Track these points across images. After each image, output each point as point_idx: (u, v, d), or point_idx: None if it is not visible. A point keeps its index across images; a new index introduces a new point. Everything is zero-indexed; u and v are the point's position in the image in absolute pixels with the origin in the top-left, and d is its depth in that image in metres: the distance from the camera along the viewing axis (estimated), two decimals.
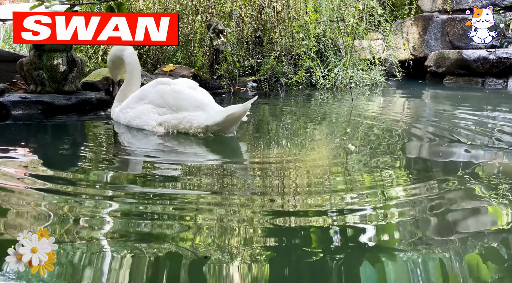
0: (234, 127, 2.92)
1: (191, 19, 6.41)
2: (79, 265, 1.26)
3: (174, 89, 2.99)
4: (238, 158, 2.63)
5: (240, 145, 2.86)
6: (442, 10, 7.99)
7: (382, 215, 1.67)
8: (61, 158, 2.64)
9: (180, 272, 1.26)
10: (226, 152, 2.76)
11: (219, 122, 2.79)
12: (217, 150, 2.76)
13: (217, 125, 2.81)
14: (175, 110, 2.94)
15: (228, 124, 2.84)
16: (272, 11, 6.61)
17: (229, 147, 2.84)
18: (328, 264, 1.33)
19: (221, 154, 2.71)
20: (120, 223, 1.58)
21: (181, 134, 2.93)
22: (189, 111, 2.90)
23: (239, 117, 2.84)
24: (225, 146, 2.84)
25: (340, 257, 1.36)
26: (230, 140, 2.89)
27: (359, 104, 4.71)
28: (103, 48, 6.55)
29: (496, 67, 6.88)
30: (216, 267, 1.28)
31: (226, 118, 2.76)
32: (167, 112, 2.98)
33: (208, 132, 2.86)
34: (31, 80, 4.04)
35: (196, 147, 2.76)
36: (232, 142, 2.88)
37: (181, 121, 2.91)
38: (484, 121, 3.81)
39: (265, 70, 6.13)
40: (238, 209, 1.70)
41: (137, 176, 2.19)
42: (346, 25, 6.44)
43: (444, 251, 1.40)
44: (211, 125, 2.82)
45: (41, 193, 1.88)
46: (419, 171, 2.31)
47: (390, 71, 7.14)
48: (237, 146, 2.85)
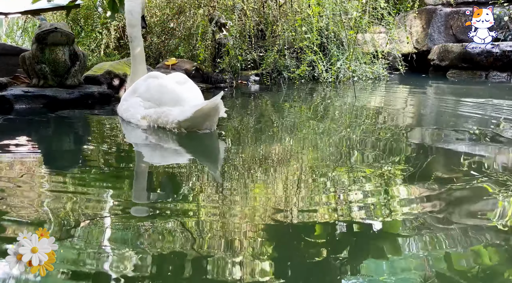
0: (209, 123, 2.75)
1: (193, 13, 6.39)
2: (78, 264, 1.27)
3: (159, 83, 2.94)
4: (203, 158, 2.52)
5: (209, 143, 2.74)
6: (445, 3, 7.93)
7: (386, 211, 1.68)
8: (61, 152, 2.66)
9: (175, 271, 1.27)
10: (191, 152, 2.62)
11: (189, 118, 2.67)
12: (181, 148, 2.65)
13: (187, 121, 2.69)
14: (158, 105, 2.89)
15: (199, 120, 2.70)
16: (274, 4, 6.58)
17: (195, 146, 2.72)
18: (331, 262, 1.33)
19: (182, 153, 2.60)
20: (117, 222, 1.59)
21: (160, 129, 2.86)
22: (169, 106, 2.83)
23: (208, 113, 2.67)
24: (193, 144, 2.72)
25: (344, 254, 1.37)
26: (203, 137, 2.75)
27: (362, 98, 4.69)
28: (105, 42, 6.54)
29: (500, 60, 6.83)
30: (217, 265, 1.29)
31: (194, 114, 2.64)
32: (152, 106, 2.93)
33: (181, 128, 2.74)
34: (33, 74, 4.05)
35: (166, 144, 2.69)
36: (203, 139, 2.75)
37: (160, 116, 2.84)
38: (488, 114, 3.80)
39: (268, 63, 6.11)
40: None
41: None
42: (349, 19, 6.41)
43: (449, 246, 1.40)
44: (182, 121, 2.70)
45: (41, 188, 1.90)
46: (422, 166, 2.30)
47: (393, 65, 7.10)
48: (205, 144, 2.73)
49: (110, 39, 6.54)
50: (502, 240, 1.45)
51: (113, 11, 3.49)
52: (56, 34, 3.92)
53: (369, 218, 1.60)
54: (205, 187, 1.94)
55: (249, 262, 1.28)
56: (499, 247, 1.40)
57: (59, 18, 7.04)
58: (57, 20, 6.97)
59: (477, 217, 1.65)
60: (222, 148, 2.66)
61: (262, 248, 1.37)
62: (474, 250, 1.37)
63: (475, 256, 1.34)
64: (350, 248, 1.39)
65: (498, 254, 1.36)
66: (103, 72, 4.53)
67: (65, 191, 1.83)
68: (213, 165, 2.34)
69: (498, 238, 1.46)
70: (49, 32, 3.90)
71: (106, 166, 2.26)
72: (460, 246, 1.40)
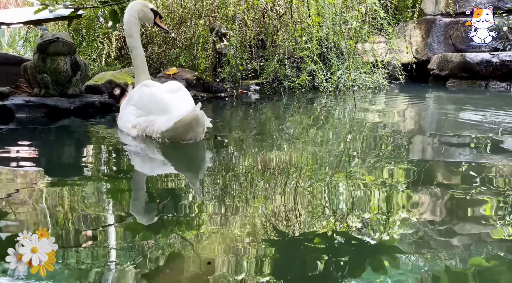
0: (192, 134, 2.68)
1: (194, 23, 6.43)
2: (77, 270, 1.27)
3: (150, 91, 2.91)
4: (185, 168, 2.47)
5: (193, 154, 2.70)
6: (445, 13, 7.98)
7: (385, 223, 1.68)
8: (61, 162, 2.66)
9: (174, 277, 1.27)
10: (174, 162, 2.60)
11: (170, 128, 2.62)
12: (165, 159, 2.62)
13: (169, 132, 2.64)
14: (148, 113, 2.85)
15: (181, 131, 2.64)
16: (275, 14, 6.63)
17: (178, 156, 2.68)
18: (330, 274, 1.33)
19: (163, 164, 2.57)
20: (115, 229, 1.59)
21: (148, 138, 2.82)
22: (157, 115, 2.78)
23: (189, 124, 2.60)
24: (177, 155, 2.69)
25: (343, 266, 1.37)
26: (188, 147, 2.70)
27: (362, 107, 4.71)
28: (107, 52, 6.58)
29: (499, 70, 6.86)
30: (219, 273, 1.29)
31: (175, 124, 2.59)
32: (143, 115, 2.88)
33: (165, 138, 2.70)
34: (35, 84, 4.07)
35: (152, 154, 2.68)
36: (188, 149, 2.70)
37: (148, 125, 2.79)
38: (488, 124, 3.81)
39: (268, 73, 6.14)
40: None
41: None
42: (348, 28, 6.45)
43: (449, 257, 1.40)
44: (165, 131, 2.65)
45: (40, 195, 1.90)
46: (422, 177, 2.30)
47: (393, 74, 7.13)
48: (189, 154, 2.68)
49: (111, 49, 6.57)
50: (504, 252, 1.44)
51: (114, 21, 3.51)
52: (58, 44, 3.95)
53: (369, 230, 1.60)
54: (187, 202, 1.94)
55: (245, 276, 1.28)
56: (501, 260, 1.40)
57: (61, 28, 7.09)
58: (59, 30, 7.02)
59: (479, 229, 1.64)
60: (207, 159, 2.59)
61: (259, 261, 1.37)
62: (475, 263, 1.36)
63: (476, 270, 1.33)
64: (349, 260, 1.39)
65: (499, 266, 1.35)
66: (104, 82, 4.55)
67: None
68: (194, 177, 2.25)
69: (500, 250, 1.46)
70: (50, 42, 3.93)
71: (83, 178, 2.27)
72: (460, 259, 1.39)
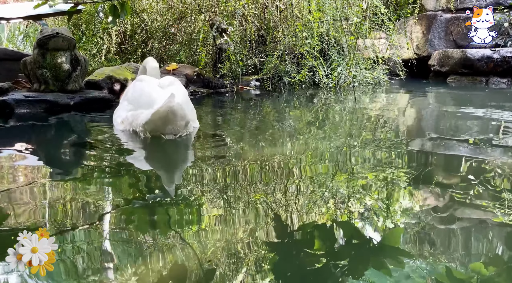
0: (171, 127, 2.59)
1: (194, 18, 6.42)
2: (76, 269, 1.27)
3: (140, 86, 2.89)
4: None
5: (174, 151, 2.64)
6: (445, 9, 7.95)
7: (386, 219, 1.68)
8: (61, 157, 2.66)
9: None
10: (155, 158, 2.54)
11: (148, 121, 2.57)
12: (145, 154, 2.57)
13: (147, 124, 2.59)
14: (136, 108, 2.82)
15: (159, 123, 2.56)
16: (275, 10, 6.60)
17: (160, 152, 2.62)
18: (331, 271, 1.33)
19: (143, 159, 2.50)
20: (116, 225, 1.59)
21: (134, 133, 2.78)
22: (143, 109, 2.73)
23: (166, 116, 2.52)
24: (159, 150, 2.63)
25: (344, 265, 1.37)
26: (164, 144, 2.64)
27: (362, 103, 4.70)
28: (107, 47, 6.56)
29: (500, 66, 6.85)
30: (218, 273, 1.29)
31: (152, 116, 2.53)
32: (132, 109, 2.86)
33: (146, 132, 2.64)
34: (34, 79, 4.06)
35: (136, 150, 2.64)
36: (169, 146, 2.64)
37: (134, 119, 2.76)
38: (488, 120, 3.80)
39: (268, 69, 6.13)
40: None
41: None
42: (349, 24, 6.43)
43: (452, 258, 1.39)
44: (144, 123, 2.60)
45: (41, 192, 1.90)
46: (423, 173, 2.30)
47: (393, 70, 7.12)
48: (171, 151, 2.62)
49: (111, 44, 6.56)
50: (506, 253, 1.44)
51: (114, 17, 3.48)
52: (58, 39, 3.94)
53: (370, 228, 1.60)
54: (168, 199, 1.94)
55: (244, 276, 1.28)
56: (502, 260, 1.39)
57: (60, 23, 7.07)
58: (58, 25, 7.00)
59: (481, 228, 1.64)
60: (190, 157, 2.53)
61: (259, 261, 1.37)
62: (477, 263, 1.35)
63: (478, 270, 1.32)
64: (350, 259, 1.38)
65: (500, 267, 1.35)
66: (104, 77, 4.55)
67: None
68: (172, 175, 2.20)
69: (502, 249, 1.46)
70: (50, 37, 3.92)
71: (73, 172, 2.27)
72: (463, 259, 1.39)
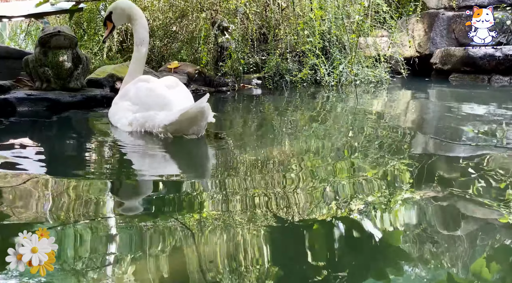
0: (196, 128, 2.63)
1: (196, 16, 6.41)
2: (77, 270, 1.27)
3: (148, 87, 2.89)
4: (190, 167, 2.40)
5: (198, 149, 2.64)
6: (448, 7, 7.93)
7: (386, 218, 1.68)
8: (63, 155, 2.67)
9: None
10: (179, 158, 2.54)
11: (174, 121, 2.58)
12: (168, 155, 2.56)
13: (173, 125, 2.61)
14: (146, 109, 2.82)
15: (185, 124, 2.61)
16: (277, 8, 6.59)
17: (182, 152, 2.61)
18: (331, 270, 1.33)
19: (169, 160, 2.51)
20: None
21: (147, 134, 2.78)
22: (156, 110, 2.76)
23: (195, 117, 2.56)
24: (180, 150, 2.63)
25: (344, 269, 1.37)
26: (189, 143, 2.65)
27: (364, 102, 4.70)
28: (108, 45, 6.56)
29: (502, 64, 6.83)
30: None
31: (180, 117, 2.55)
32: (140, 111, 2.86)
33: (167, 133, 2.67)
34: (36, 77, 4.06)
35: (152, 150, 2.63)
36: (188, 145, 2.64)
37: (147, 120, 2.76)
38: (491, 118, 3.79)
39: (270, 67, 6.12)
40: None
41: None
42: (351, 22, 6.42)
43: (454, 263, 1.39)
44: (168, 125, 2.62)
45: (43, 190, 1.90)
46: (424, 171, 2.29)
47: (395, 68, 7.10)
48: (192, 150, 2.63)
49: (113, 43, 6.56)
50: (506, 249, 1.44)
51: None
52: (59, 38, 3.94)
53: (371, 228, 1.60)
54: (196, 197, 1.94)
55: (244, 276, 1.28)
56: (504, 257, 1.39)
57: (62, 21, 7.07)
58: (60, 23, 7.00)
59: (481, 226, 1.64)
60: (211, 154, 2.55)
61: (259, 262, 1.37)
62: (478, 266, 1.35)
63: (479, 273, 1.32)
64: (350, 263, 1.38)
65: (501, 263, 1.35)
66: (106, 75, 4.55)
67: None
68: (201, 172, 2.25)
69: (503, 248, 1.45)
70: (52, 35, 3.92)
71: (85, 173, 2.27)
72: (464, 263, 1.38)
